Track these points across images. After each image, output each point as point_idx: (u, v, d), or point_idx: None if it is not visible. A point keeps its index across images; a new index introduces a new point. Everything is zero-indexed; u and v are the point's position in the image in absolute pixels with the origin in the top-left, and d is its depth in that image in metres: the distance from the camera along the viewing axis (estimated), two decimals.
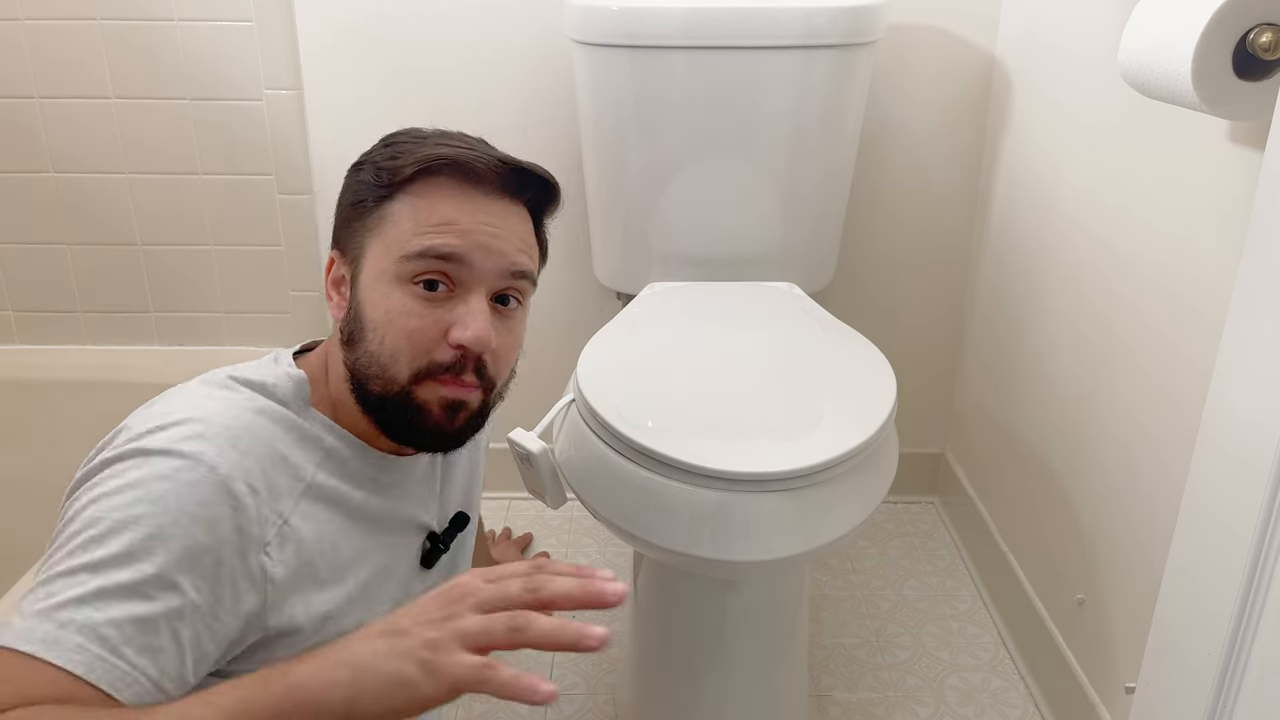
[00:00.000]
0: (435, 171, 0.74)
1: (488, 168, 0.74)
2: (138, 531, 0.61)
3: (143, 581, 0.60)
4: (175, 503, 0.62)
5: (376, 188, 0.75)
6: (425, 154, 0.74)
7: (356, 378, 0.75)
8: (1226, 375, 0.64)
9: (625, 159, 1.35)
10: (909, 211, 1.57)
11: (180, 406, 0.69)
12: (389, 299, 0.73)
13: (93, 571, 0.60)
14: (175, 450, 0.64)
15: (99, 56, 1.47)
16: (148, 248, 1.59)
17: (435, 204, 0.74)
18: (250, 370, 0.75)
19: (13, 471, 1.57)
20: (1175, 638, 0.71)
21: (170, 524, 0.62)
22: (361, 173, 0.77)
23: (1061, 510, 1.24)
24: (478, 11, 1.45)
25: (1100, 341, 1.13)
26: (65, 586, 0.59)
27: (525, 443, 1.00)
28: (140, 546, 0.61)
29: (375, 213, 0.75)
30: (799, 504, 0.88)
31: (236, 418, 0.69)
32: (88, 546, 0.61)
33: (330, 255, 0.80)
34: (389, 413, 0.74)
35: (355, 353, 0.74)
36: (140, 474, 0.63)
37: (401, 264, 0.73)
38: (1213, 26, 0.73)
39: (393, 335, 0.72)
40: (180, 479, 0.63)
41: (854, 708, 1.28)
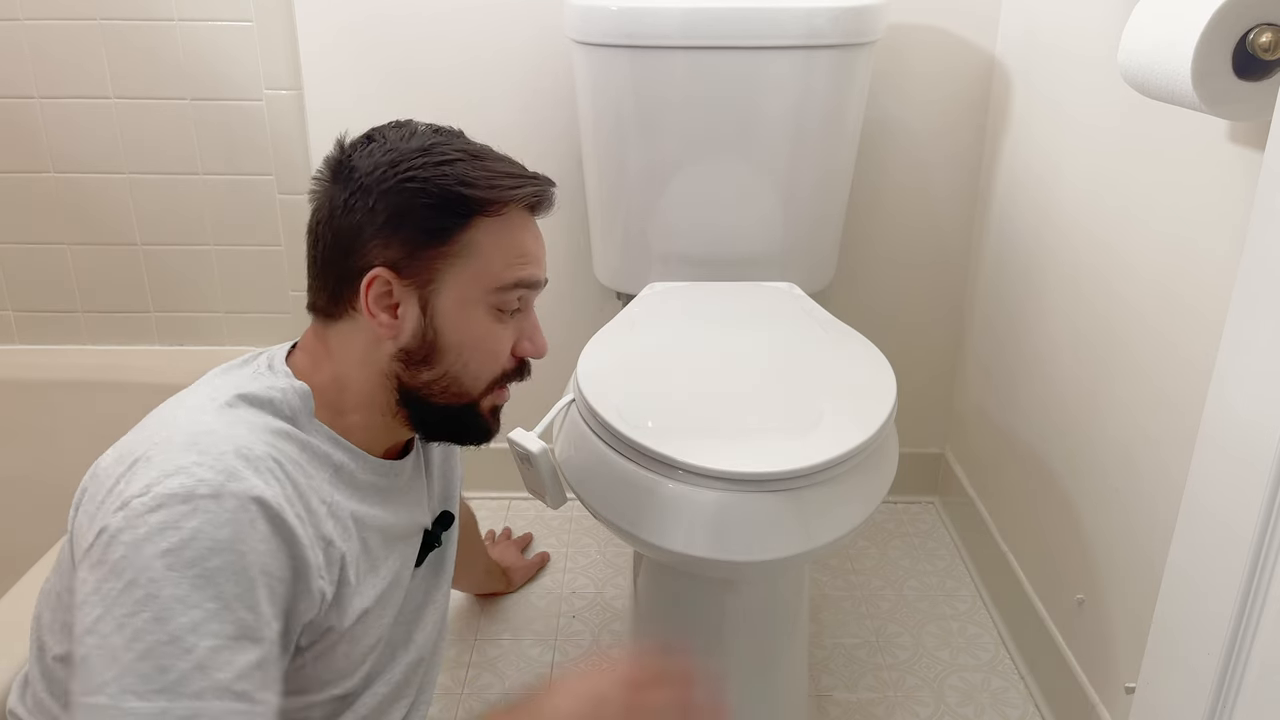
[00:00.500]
0: (514, 205, 0.78)
1: (544, 200, 0.80)
2: (224, 584, 0.61)
3: (245, 629, 0.62)
4: (247, 546, 0.63)
5: (448, 215, 0.74)
6: (503, 191, 0.76)
7: (420, 394, 0.78)
8: (1226, 375, 0.64)
9: (625, 159, 1.35)
10: (909, 211, 1.57)
11: (209, 437, 0.66)
12: (477, 325, 0.78)
13: (195, 632, 0.60)
14: (227, 491, 0.63)
15: (99, 56, 1.47)
16: (148, 248, 1.59)
17: (514, 234, 0.78)
18: (252, 383, 0.73)
19: (13, 471, 1.57)
20: (1175, 638, 0.71)
21: (248, 566, 0.63)
22: (417, 194, 0.74)
23: (1061, 510, 1.24)
24: (478, 11, 1.45)
25: (1100, 341, 1.13)
26: (172, 654, 0.59)
27: (525, 443, 1.00)
28: (230, 595, 0.62)
29: (454, 242, 0.75)
30: (799, 504, 0.88)
31: (267, 447, 0.68)
32: (174, 608, 0.60)
33: (375, 273, 0.74)
34: (449, 421, 0.80)
35: (426, 372, 0.77)
36: (198, 523, 0.62)
37: (495, 295, 0.77)
38: (1213, 26, 0.73)
39: (479, 358, 0.78)
40: (241, 520, 0.63)
41: (854, 708, 1.28)
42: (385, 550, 0.80)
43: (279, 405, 0.73)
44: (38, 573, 1.10)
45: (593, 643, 1.39)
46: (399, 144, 0.77)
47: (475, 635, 1.40)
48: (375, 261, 0.74)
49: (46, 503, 1.51)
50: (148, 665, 0.59)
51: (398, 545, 0.83)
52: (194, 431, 0.67)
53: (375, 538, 0.79)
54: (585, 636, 1.40)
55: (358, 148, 0.79)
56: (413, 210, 0.74)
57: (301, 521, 0.67)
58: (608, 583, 1.52)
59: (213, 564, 0.61)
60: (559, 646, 1.38)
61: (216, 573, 0.61)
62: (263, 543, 0.64)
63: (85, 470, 0.72)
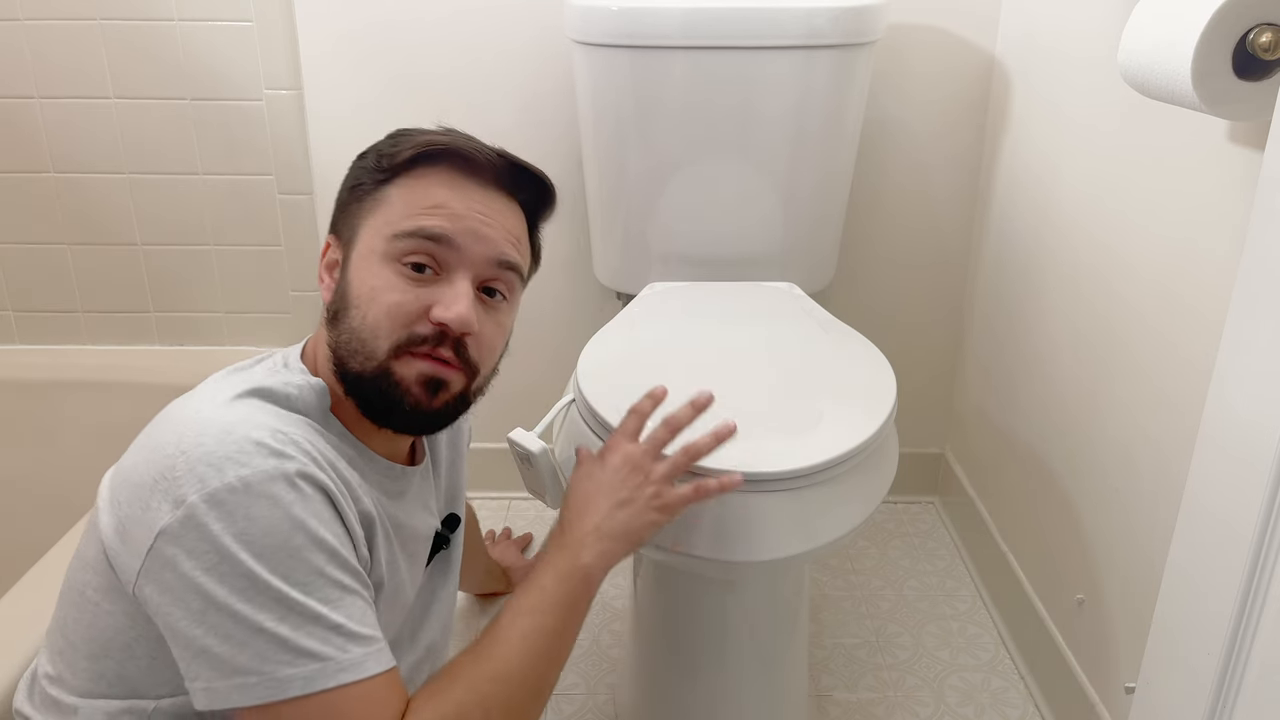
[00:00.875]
0: (433, 159, 0.76)
1: (486, 159, 0.77)
2: (313, 553, 0.65)
3: (343, 586, 0.66)
4: (316, 519, 0.66)
5: (375, 172, 0.77)
6: (425, 139, 0.76)
7: (338, 355, 0.75)
8: (1227, 375, 0.64)
9: (625, 159, 1.35)
10: (909, 212, 1.57)
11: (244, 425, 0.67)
12: (376, 276, 0.74)
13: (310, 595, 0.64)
14: (283, 473, 0.65)
15: (99, 56, 1.47)
16: (148, 248, 1.59)
17: (430, 188, 0.75)
18: (270, 379, 0.74)
19: (13, 471, 1.57)
20: (1175, 638, 0.71)
21: (325, 535, 0.66)
22: (364, 160, 0.79)
23: (1061, 510, 1.24)
24: (478, 12, 1.45)
25: (1100, 341, 1.13)
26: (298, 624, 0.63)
27: (525, 443, 1.00)
28: (323, 562, 0.65)
29: (372, 196, 0.77)
30: (799, 504, 0.88)
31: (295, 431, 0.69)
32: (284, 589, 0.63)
33: (326, 240, 0.81)
34: (367, 390, 0.74)
35: (338, 330, 0.75)
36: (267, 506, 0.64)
37: (391, 243, 0.74)
38: (1213, 27, 0.73)
39: (375, 310, 0.73)
40: (303, 496, 0.66)
41: (854, 708, 1.28)
42: (400, 548, 0.80)
43: (295, 401, 0.73)
44: (38, 573, 1.10)
45: (593, 643, 1.39)
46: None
47: (475, 635, 1.39)
48: (330, 230, 0.80)
49: (46, 503, 1.51)
50: (278, 639, 0.63)
51: (409, 545, 0.82)
52: (227, 423, 0.67)
53: (394, 532, 0.79)
54: (585, 636, 1.40)
55: None
56: (350, 175, 0.79)
57: (343, 496, 0.70)
58: (608, 583, 1.51)
59: (297, 541, 0.64)
60: None
61: (304, 547, 0.64)
62: (323, 507, 0.67)
63: (85, 470, 0.72)
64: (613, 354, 1.11)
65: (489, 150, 0.77)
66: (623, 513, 0.80)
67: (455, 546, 0.95)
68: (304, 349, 0.81)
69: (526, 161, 0.80)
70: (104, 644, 0.70)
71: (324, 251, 0.81)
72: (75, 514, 1.21)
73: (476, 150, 0.76)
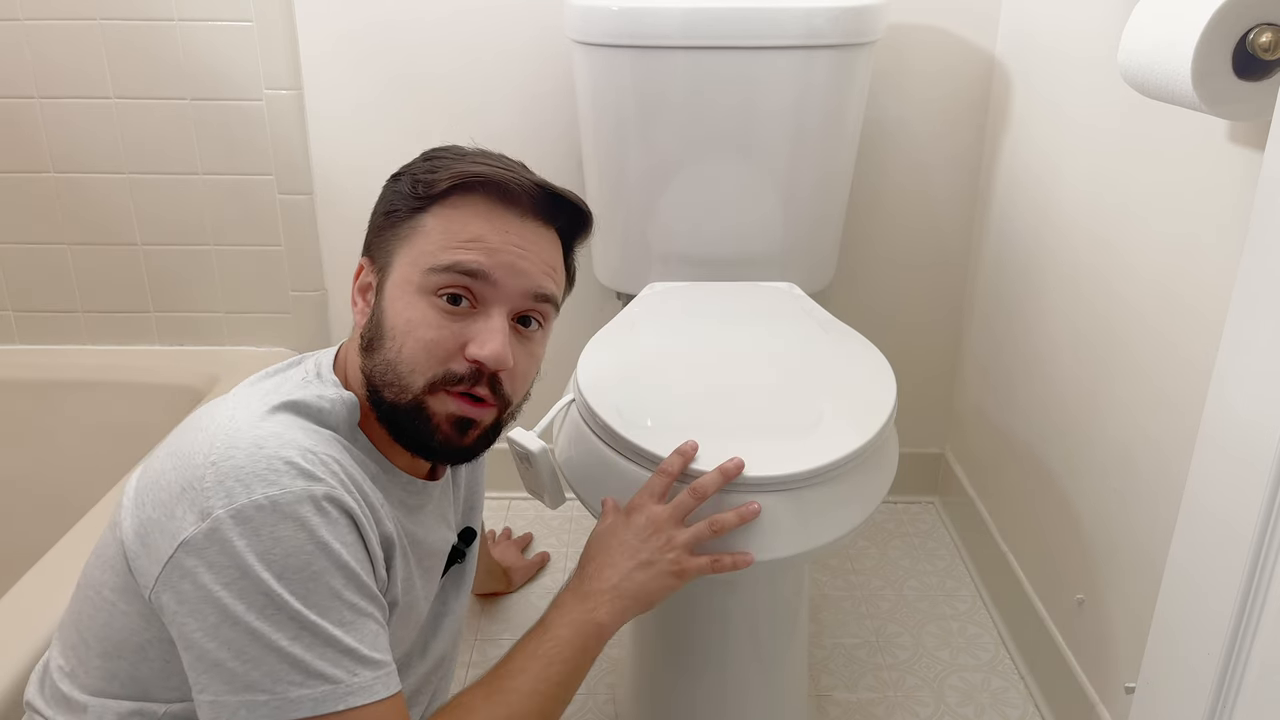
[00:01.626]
0: (470, 189, 0.75)
1: (522, 189, 0.75)
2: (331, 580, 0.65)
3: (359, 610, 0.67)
4: (340, 544, 0.66)
5: (412, 199, 0.76)
6: (462, 169, 0.75)
7: (372, 384, 0.75)
8: (1227, 375, 0.64)
9: (625, 159, 1.35)
10: (909, 212, 1.57)
11: (275, 441, 0.67)
12: (412, 308, 0.73)
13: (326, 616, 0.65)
14: (311, 496, 0.65)
15: (99, 56, 1.47)
16: (148, 248, 1.59)
17: (467, 220, 0.74)
18: (303, 392, 0.74)
19: (13, 471, 1.57)
20: (1175, 638, 0.71)
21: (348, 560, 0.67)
22: (400, 183, 0.77)
23: (1061, 510, 1.24)
24: (478, 12, 1.45)
25: (1100, 341, 1.13)
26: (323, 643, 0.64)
27: (525, 443, 1.00)
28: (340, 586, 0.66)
29: (407, 223, 0.76)
30: (799, 504, 0.88)
31: (325, 449, 0.70)
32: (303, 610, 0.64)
33: (360, 262, 0.80)
34: (400, 421, 0.74)
35: (373, 359, 0.75)
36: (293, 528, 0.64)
37: (427, 276, 0.73)
38: (1213, 26, 0.73)
39: (411, 344, 0.73)
40: (329, 520, 0.66)
41: (854, 708, 1.28)
42: (416, 565, 0.80)
43: (326, 416, 0.73)
44: (38, 573, 1.10)
45: None
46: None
47: (475, 635, 1.39)
48: (363, 252, 0.80)
49: (46, 503, 1.51)
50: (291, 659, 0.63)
51: (425, 560, 0.83)
52: (259, 437, 0.67)
53: (411, 549, 0.79)
54: None
55: None
56: (385, 197, 0.79)
57: (368, 520, 0.70)
58: None
59: (318, 566, 0.64)
60: None
61: (325, 572, 0.65)
62: (349, 532, 0.67)
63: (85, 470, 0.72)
64: (613, 354, 1.11)
65: (526, 180, 0.76)
66: (642, 574, 0.83)
67: (470, 560, 0.95)
68: (335, 356, 0.81)
69: (562, 188, 0.79)
70: (118, 644, 0.70)
71: (357, 274, 0.79)
72: (75, 514, 1.21)
73: (514, 180, 0.75)
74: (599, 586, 0.82)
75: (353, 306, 0.79)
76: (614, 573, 0.82)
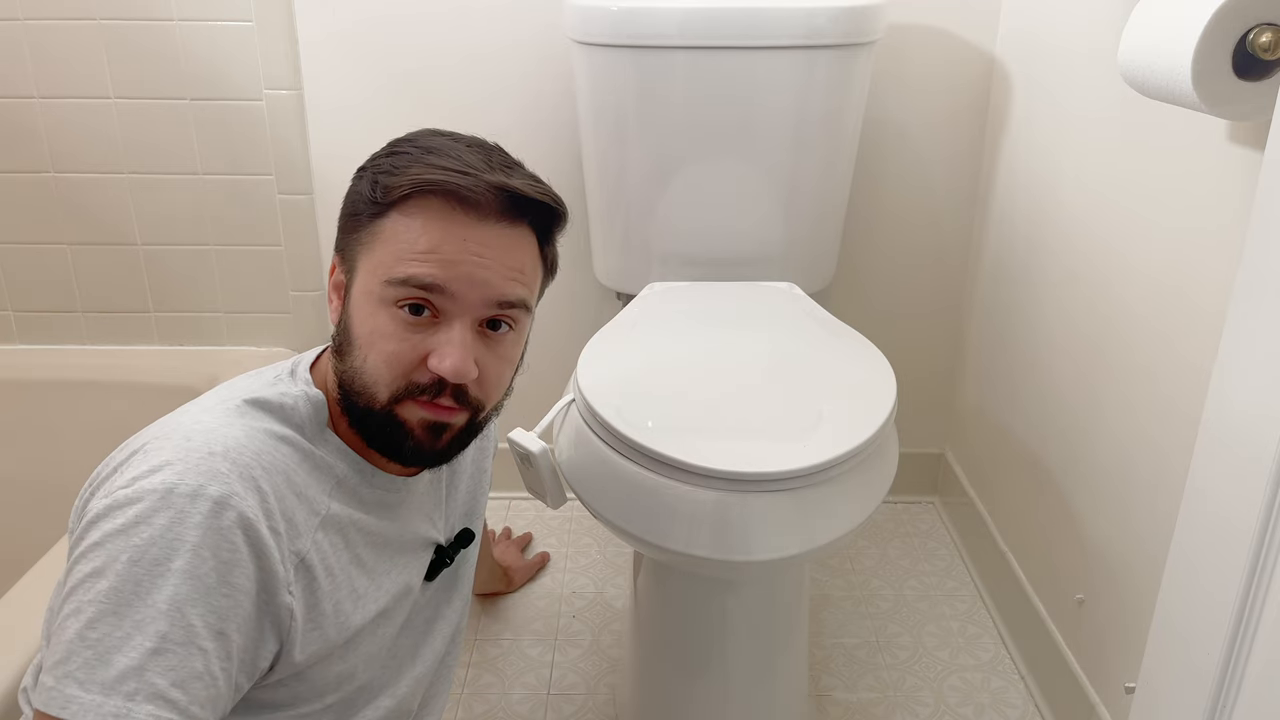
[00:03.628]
0: (427, 194, 0.72)
1: (479, 194, 0.71)
2: (180, 584, 0.61)
3: (194, 635, 0.61)
4: (211, 552, 0.62)
5: (371, 203, 0.73)
6: (416, 176, 0.71)
7: (343, 388, 0.75)
8: (1227, 374, 0.64)
9: (625, 159, 1.35)
10: (909, 211, 1.57)
11: (203, 436, 0.66)
12: (374, 318, 0.72)
13: (142, 631, 0.60)
14: (204, 494, 0.63)
15: (99, 56, 1.47)
16: (148, 248, 1.59)
17: (423, 229, 0.71)
18: (269, 389, 0.74)
19: (13, 471, 1.57)
20: (1175, 638, 0.71)
21: (209, 572, 0.62)
22: (362, 181, 0.75)
23: (1061, 510, 1.24)
24: (478, 12, 1.45)
25: (1100, 341, 1.13)
26: (117, 648, 0.59)
27: (525, 443, 1.00)
28: (184, 598, 0.61)
29: (368, 228, 0.74)
30: (799, 504, 0.88)
31: (259, 452, 0.68)
32: (131, 601, 0.60)
33: (334, 258, 0.79)
34: (372, 428, 0.74)
35: (344, 364, 0.74)
36: (168, 520, 0.62)
37: (385, 288, 0.71)
38: (1213, 26, 0.73)
39: (374, 356, 0.72)
40: (211, 526, 0.63)
41: (854, 708, 1.28)
42: (385, 563, 0.79)
43: (289, 412, 0.73)
44: (38, 573, 1.10)
45: (593, 643, 1.39)
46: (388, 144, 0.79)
47: (475, 635, 1.39)
48: (335, 248, 0.78)
49: (46, 503, 1.51)
50: (92, 654, 0.59)
51: (399, 558, 0.81)
52: (191, 430, 0.67)
53: (370, 550, 0.78)
54: (585, 636, 1.40)
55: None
56: (350, 195, 0.77)
57: (275, 534, 0.66)
58: (608, 583, 1.52)
59: (176, 564, 0.61)
60: (559, 646, 1.38)
61: (177, 573, 0.61)
62: (231, 553, 0.63)
63: (85, 470, 0.72)
64: (613, 354, 1.11)
65: (484, 182, 0.72)
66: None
67: (462, 564, 0.94)
68: (317, 358, 0.81)
69: (525, 186, 0.74)
70: None
71: (331, 270, 0.79)
72: None
73: (470, 187, 0.71)
74: None
75: (329, 304, 0.79)
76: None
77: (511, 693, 1.29)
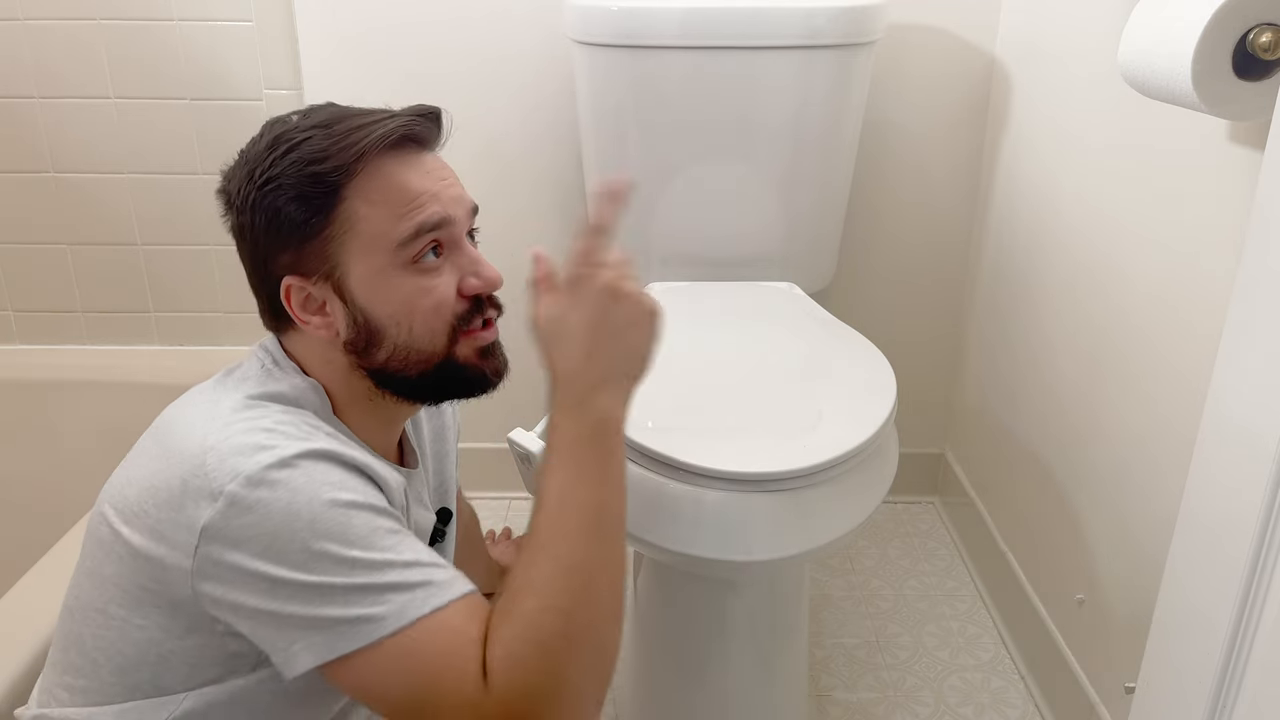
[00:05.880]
0: (369, 156, 0.72)
1: (405, 131, 0.74)
2: (360, 513, 0.65)
3: (403, 530, 0.67)
4: (355, 483, 0.67)
5: (314, 199, 0.72)
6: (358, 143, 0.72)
7: (388, 374, 0.75)
8: (1226, 374, 0.64)
9: (625, 159, 1.35)
10: (909, 212, 1.57)
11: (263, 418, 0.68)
12: (401, 287, 0.73)
13: (375, 546, 0.64)
14: (307, 451, 0.66)
15: (99, 56, 1.47)
16: (148, 248, 1.59)
17: (392, 183, 0.73)
18: (269, 384, 0.73)
19: (13, 471, 1.57)
20: (1175, 637, 0.71)
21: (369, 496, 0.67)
22: (277, 194, 0.73)
23: (1061, 510, 1.24)
24: (479, 13, 1.44)
25: (1100, 341, 1.13)
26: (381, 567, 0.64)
27: (525, 443, 1.00)
28: (371, 516, 0.66)
29: (327, 226, 0.72)
30: (799, 504, 0.88)
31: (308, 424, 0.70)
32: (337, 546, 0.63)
33: (285, 285, 0.74)
34: (432, 383, 0.77)
35: (378, 355, 0.74)
36: (306, 477, 0.65)
37: (398, 252, 0.72)
38: (1213, 27, 0.73)
39: (419, 318, 0.74)
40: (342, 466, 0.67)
41: (854, 708, 1.28)
42: None
43: (301, 401, 0.73)
44: (38, 573, 1.10)
45: None
46: (250, 151, 0.77)
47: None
48: (281, 273, 0.74)
49: (46, 503, 1.51)
50: (358, 588, 0.63)
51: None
52: (247, 419, 0.68)
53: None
54: None
55: (228, 172, 0.80)
56: (281, 210, 0.73)
57: (369, 467, 0.70)
58: None
59: (339, 507, 0.64)
60: None
61: (348, 509, 0.65)
62: (356, 478, 0.68)
63: (85, 470, 0.71)
64: None
65: (407, 116, 0.75)
66: (623, 339, 0.75)
67: (449, 540, 0.95)
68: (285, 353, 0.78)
69: (418, 106, 0.77)
70: (135, 659, 0.69)
71: (287, 296, 0.74)
72: (75, 514, 1.21)
73: (397, 127, 0.73)
74: (588, 380, 0.72)
75: (304, 326, 0.75)
76: (598, 357, 0.72)
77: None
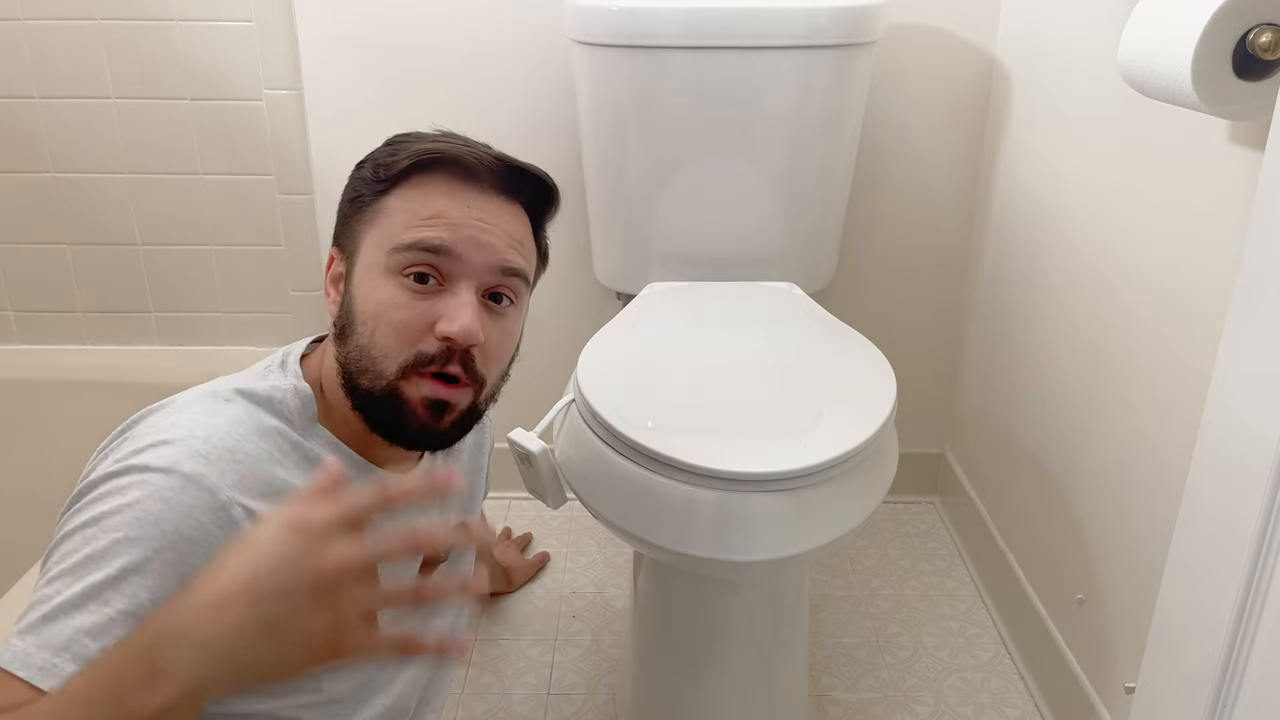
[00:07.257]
0: (430, 167, 0.75)
1: (482, 163, 0.75)
2: (134, 553, 0.61)
3: (139, 607, 0.61)
4: (172, 525, 0.63)
5: (374, 183, 0.76)
6: (420, 148, 0.75)
7: (347, 371, 0.74)
8: (1226, 374, 0.64)
9: (625, 159, 1.35)
10: (909, 211, 1.57)
11: (186, 421, 0.68)
12: (380, 291, 0.73)
13: (91, 598, 0.60)
14: (176, 470, 0.64)
15: (99, 56, 1.47)
16: (148, 248, 1.59)
17: (428, 198, 0.74)
18: (257, 381, 0.74)
19: (13, 471, 1.57)
20: (1175, 638, 0.71)
21: (166, 546, 0.62)
22: (363, 170, 0.78)
23: (1061, 510, 1.24)
24: (478, 12, 1.45)
25: (1100, 341, 1.13)
26: (65, 610, 0.61)
27: (525, 443, 1.00)
28: (134, 568, 0.61)
29: (371, 207, 0.76)
30: (799, 504, 0.88)
31: (240, 439, 0.69)
32: (87, 567, 0.61)
33: (330, 253, 0.80)
34: (376, 410, 0.74)
35: (347, 346, 0.74)
36: (139, 494, 0.63)
37: (392, 256, 0.73)
38: (1213, 26, 0.73)
39: (382, 328, 0.72)
40: (178, 501, 0.63)
41: (854, 708, 1.28)
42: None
43: (277, 405, 0.73)
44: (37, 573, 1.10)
45: (593, 643, 1.39)
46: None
47: (475, 635, 1.39)
48: (334, 243, 0.80)
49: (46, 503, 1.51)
50: (35, 612, 0.61)
51: None
52: (178, 415, 0.69)
53: None
54: (585, 636, 1.40)
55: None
56: (350, 186, 0.79)
57: (249, 516, 0.66)
58: (608, 583, 1.52)
59: (134, 533, 0.62)
60: (559, 646, 1.38)
61: (132, 542, 0.61)
62: (195, 530, 0.63)
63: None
64: (613, 354, 1.11)
65: (486, 154, 0.76)
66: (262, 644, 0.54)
67: (458, 562, 0.93)
68: (308, 353, 0.80)
69: (526, 163, 0.79)
70: None
71: (329, 265, 0.80)
72: None
73: (473, 155, 0.75)
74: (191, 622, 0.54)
75: (326, 298, 0.79)
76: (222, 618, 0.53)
77: (511, 693, 1.29)
